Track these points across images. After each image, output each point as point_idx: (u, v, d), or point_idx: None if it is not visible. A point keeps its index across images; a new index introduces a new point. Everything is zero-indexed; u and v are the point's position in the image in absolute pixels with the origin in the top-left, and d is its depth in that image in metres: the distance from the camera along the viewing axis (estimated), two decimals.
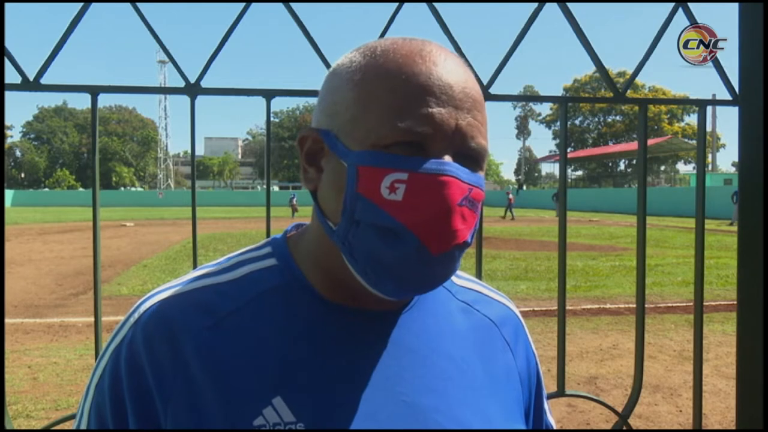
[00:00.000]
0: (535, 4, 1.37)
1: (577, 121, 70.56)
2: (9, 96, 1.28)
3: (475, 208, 0.59)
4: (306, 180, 0.66)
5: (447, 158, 0.57)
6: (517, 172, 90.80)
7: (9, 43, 1.20)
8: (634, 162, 56.15)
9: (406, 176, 0.56)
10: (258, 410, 0.58)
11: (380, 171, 0.56)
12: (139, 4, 1.27)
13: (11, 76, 1.21)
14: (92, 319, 1.90)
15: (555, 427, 0.81)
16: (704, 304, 1.46)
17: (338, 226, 0.60)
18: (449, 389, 0.64)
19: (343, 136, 0.60)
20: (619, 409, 1.48)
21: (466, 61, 1.36)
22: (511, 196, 31.82)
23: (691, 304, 2.63)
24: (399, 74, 0.58)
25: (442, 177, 0.56)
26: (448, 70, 0.59)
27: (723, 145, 64.76)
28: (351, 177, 0.58)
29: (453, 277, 0.75)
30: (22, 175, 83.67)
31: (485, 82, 1.39)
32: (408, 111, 0.56)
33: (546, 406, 0.80)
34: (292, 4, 1.31)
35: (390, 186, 0.56)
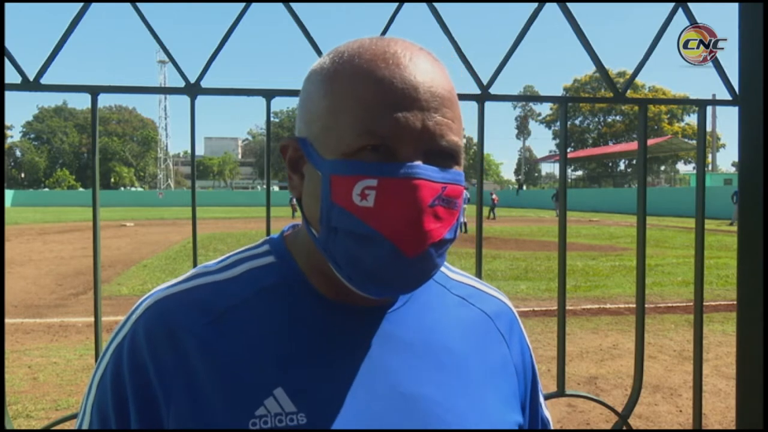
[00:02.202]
0: (535, 4, 1.37)
1: (577, 121, 70.54)
2: (9, 96, 1.28)
3: (452, 205, 0.60)
4: (291, 187, 0.67)
5: (417, 161, 0.57)
6: (517, 172, 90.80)
7: (9, 43, 1.20)
8: (634, 162, 56.16)
9: (375, 182, 0.57)
10: (260, 400, 0.59)
11: (350, 179, 0.57)
12: (139, 4, 1.27)
13: (11, 76, 1.22)
14: (92, 319, 1.90)
15: (551, 421, 0.82)
16: (704, 304, 1.46)
17: (319, 234, 0.61)
18: (446, 381, 0.66)
19: (318, 145, 0.61)
20: (619, 409, 1.48)
21: (464, 58, 1.36)
22: (494, 196, 31.87)
23: (691, 304, 2.63)
24: (363, 81, 0.59)
25: (411, 180, 0.56)
26: (411, 71, 0.59)
27: (723, 145, 64.81)
28: (325, 186, 0.59)
29: (447, 273, 0.77)
30: (22, 175, 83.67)
31: (485, 82, 1.39)
32: (373, 117, 0.57)
33: (542, 400, 0.81)
34: (292, 4, 1.31)
35: (361, 193, 0.57)
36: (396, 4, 1.35)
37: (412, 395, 0.63)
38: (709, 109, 1.54)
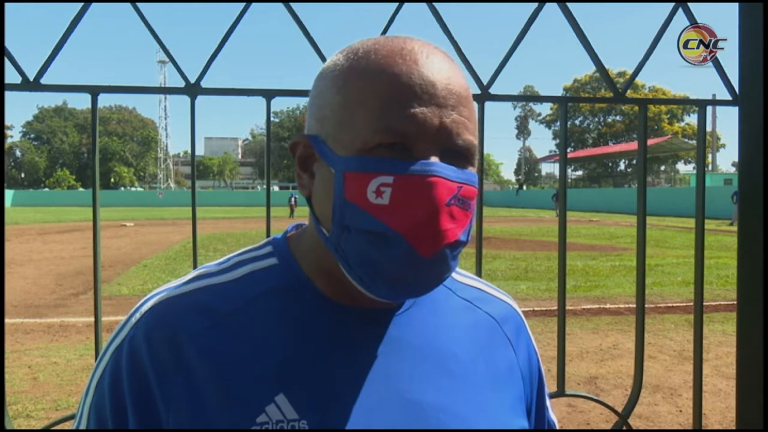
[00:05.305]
0: (535, 4, 1.37)
1: (577, 121, 70.55)
2: (9, 96, 1.28)
3: (467, 206, 0.59)
4: (300, 186, 0.66)
5: (433, 158, 0.56)
6: (517, 172, 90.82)
7: (9, 43, 1.20)
8: (634, 162, 56.13)
9: (391, 179, 0.55)
10: (261, 408, 0.58)
11: (366, 176, 0.56)
12: (139, 4, 1.27)
13: (11, 76, 1.22)
14: (92, 319, 1.90)
15: (557, 424, 0.81)
16: (704, 304, 1.46)
17: (330, 233, 0.60)
18: (451, 386, 0.65)
19: (331, 142, 0.60)
20: (619, 409, 1.47)
21: (464, 59, 1.36)
22: None
23: (691, 304, 2.63)
24: (380, 76, 0.58)
25: (427, 178, 0.55)
26: (429, 68, 0.58)
27: (723, 145, 64.79)
28: (338, 183, 0.58)
29: (454, 275, 0.75)
30: (22, 175, 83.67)
31: (485, 82, 1.39)
32: (390, 113, 0.56)
33: (548, 402, 0.80)
34: (292, 4, 1.31)
35: (376, 190, 0.56)
36: (396, 4, 1.35)
37: (417, 401, 0.62)
38: (709, 109, 1.54)
